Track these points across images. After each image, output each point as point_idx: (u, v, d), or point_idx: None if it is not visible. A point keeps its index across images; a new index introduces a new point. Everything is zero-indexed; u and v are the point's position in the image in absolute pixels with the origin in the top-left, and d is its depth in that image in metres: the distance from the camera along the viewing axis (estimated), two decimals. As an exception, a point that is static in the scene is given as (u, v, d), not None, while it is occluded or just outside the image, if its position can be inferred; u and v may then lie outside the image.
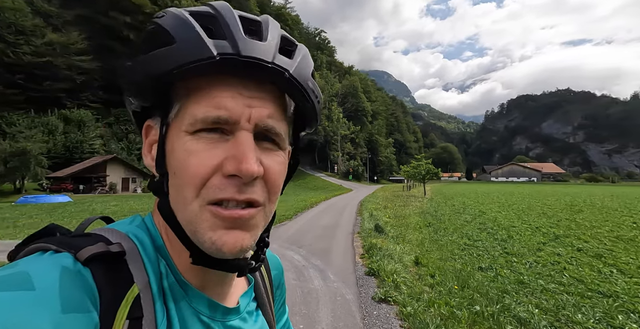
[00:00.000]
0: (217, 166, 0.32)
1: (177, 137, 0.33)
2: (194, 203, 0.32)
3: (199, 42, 0.30)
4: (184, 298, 0.36)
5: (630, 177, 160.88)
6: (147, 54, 0.32)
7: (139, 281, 0.32)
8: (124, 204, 16.43)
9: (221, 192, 0.31)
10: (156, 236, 0.37)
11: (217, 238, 0.32)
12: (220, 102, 0.32)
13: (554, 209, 14.50)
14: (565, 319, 3.34)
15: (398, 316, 3.40)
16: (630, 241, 7.33)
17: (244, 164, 0.31)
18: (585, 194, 25.83)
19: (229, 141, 0.33)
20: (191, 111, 0.32)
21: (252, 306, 0.45)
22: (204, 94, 0.32)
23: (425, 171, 25.78)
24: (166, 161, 0.34)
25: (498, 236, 8.06)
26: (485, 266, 5.36)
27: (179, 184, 0.32)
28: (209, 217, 0.32)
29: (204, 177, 0.32)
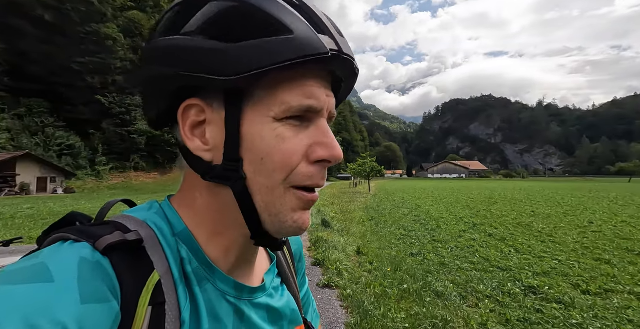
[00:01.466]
0: (304, 154, 0.34)
1: (262, 123, 0.33)
2: (280, 187, 0.34)
3: (313, 37, 0.32)
4: (208, 281, 0.36)
5: (536, 173, 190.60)
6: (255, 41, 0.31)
7: (159, 267, 0.32)
8: (42, 206, 14.41)
9: (309, 179, 0.34)
10: (176, 222, 0.38)
11: (298, 218, 0.35)
12: (312, 92, 0.34)
13: (476, 201, 16.67)
14: (471, 289, 4.10)
15: (339, 298, 3.81)
16: (527, 226, 8.93)
17: (336, 151, 0.34)
18: (500, 189, 29.99)
19: (308, 128, 0.35)
20: (282, 99, 0.33)
21: (276, 282, 0.47)
22: (296, 83, 0.33)
23: (370, 168, 27.41)
24: (241, 146, 0.34)
25: (429, 226, 9.09)
26: (415, 252, 6.11)
27: (269, 169, 0.33)
28: (292, 200, 0.34)
29: (295, 163, 0.33)
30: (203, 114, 0.35)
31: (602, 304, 3.63)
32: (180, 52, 0.33)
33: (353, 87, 0.41)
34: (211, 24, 0.32)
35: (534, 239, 7.28)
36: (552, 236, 7.58)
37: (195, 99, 0.35)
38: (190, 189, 0.39)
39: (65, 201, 17.47)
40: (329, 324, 3.20)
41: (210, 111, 0.35)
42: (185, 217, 0.38)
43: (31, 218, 10.31)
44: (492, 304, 3.65)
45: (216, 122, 0.35)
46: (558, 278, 4.56)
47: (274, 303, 0.44)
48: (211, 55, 0.31)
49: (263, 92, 0.33)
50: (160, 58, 0.34)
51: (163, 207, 0.39)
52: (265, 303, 0.42)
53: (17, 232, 7.87)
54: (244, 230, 0.36)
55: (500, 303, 3.71)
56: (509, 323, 3.20)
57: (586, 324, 3.12)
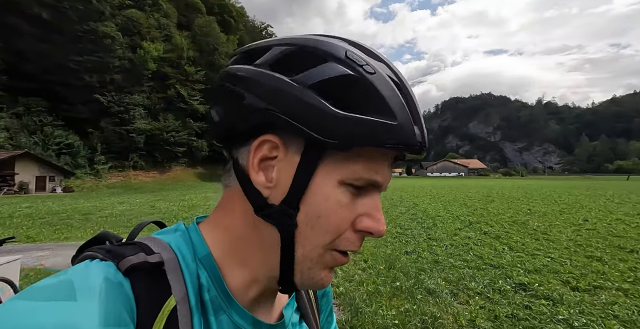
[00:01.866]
0: (353, 221, 0.35)
1: (327, 183, 0.34)
2: (322, 247, 0.35)
3: (410, 128, 0.33)
4: (225, 312, 0.36)
5: (535, 171, 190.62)
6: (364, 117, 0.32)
7: (177, 292, 0.32)
8: (41, 205, 14.46)
9: (350, 245, 0.35)
10: (200, 246, 0.37)
11: (325, 276, 0.36)
12: (382, 169, 0.35)
13: (473, 200, 16.75)
14: (462, 287, 4.15)
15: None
16: (523, 224, 9.00)
17: (382, 226, 0.35)
18: (498, 187, 30.10)
19: (363, 198, 0.36)
20: (354, 169, 0.34)
21: (295, 318, 0.46)
22: (370, 156, 0.34)
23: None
24: (304, 197, 0.34)
25: (425, 225, 9.15)
26: (410, 250, 6.16)
27: (322, 228, 0.34)
28: (328, 260, 0.35)
29: (344, 229, 0.34)
30: (276, 151, 0.35)
31: (589, 301, 3.69)
32: (286, 95, 0.33)
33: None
34: (328, 84, 0.32)
35: (529, 237, 7.34)
36: (546, 233, 7.64)
37: (275, 136, 0.35)
38: (230, 211, 0.39)
39: (64, 200, 17.50)
40: (321, 321, 3.25)
41: (285, 151, 0.35)
42: (214, 241, 0.38)
43: (29, 217, 10.37)
44: (482, 301, 3.71)
45: (287, 165, 0.35)
46: (549, 275, 4.62)
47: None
48: (319, 113, 0.32)
49: (343, 157, 0.34)
50: (260, 91, 0.34)
51: (189, 230, 0.39)
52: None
53: (14, 231, 7.92)
54: (272, 272, 0.37)
55: (490, 299, 3.77)
56: (497, 319, 3.25)
57: (572, 319, 3.17)
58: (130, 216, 10.73)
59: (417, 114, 0.34)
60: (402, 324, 3.07)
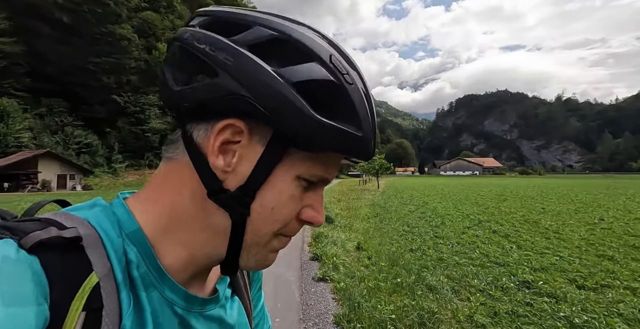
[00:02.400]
0: (298, 212, 0.38)
1: (285, 177, 0.35)
2: (270, 234, 0.37)
3: (369, 143, 0.36)
4: (156, 288, 0.34)
5: (554, 170, 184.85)
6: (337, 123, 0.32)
7: (99, 269, 0.30)
8: (62, 203, 15.11)
9: (293, 231, 0.39)
10: (127, 221, 0.35)
11: (270, 258, 0.39)
12: (331, 169, 0.38)
13: (485, 198, 16.43)
14: (465, 284, 4.13)
15: (332, 291, 3.92)
16: (535, 223, 8.79)
17: (321, 218, 0.39)
18: (513, 186, 29.38)
19: (311, 191, 0.38)
20: (313, 166, 0.36)
21: (228, 292, 0.46)
22: (326, 159, 0.37)
23: (378, 165, 27.32)
24: (262, 188, 0.34)
25: (433, 223, 9.07)
26: (415, 247, 6.14)
27: (273, 219, 0.36)
28: (274, 245, 0.38)
29: (291, 220, 0.37)
30: (240, 136, 0.34)
31: (594, 299, 3.61)
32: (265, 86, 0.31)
33: None
34: (311, 85, 0.32)
35: (539, 235, 7.18)
36: (558, 232, 7.45)
37: (241, 122, 0.33)
38: (175, 190, 0.36)
39: (83, 198, 18.19)
40: (319, 315, 3.32)
41: (249, 139, 0.34)
42: (148, 217, 0.36)
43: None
44: (483, 298, 3.68)
45: (249, 153, 0.34)
46: (555, 273, 4.53)
47: (226, 315, 0.43)
48: (299, 114, 0.31)
49: (305, 156, 0.35)
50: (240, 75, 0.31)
51: (113, 205, 0.36)
52: (217, 315, 0.41)
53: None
54: (215, 254, 0.37)
55: (491, 296, 3.74)
56: (496, 316, 3.23)
57: (573, 316, 3.12)
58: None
59: (374, 126, 0.37)
60: (399, 319, 3.10)
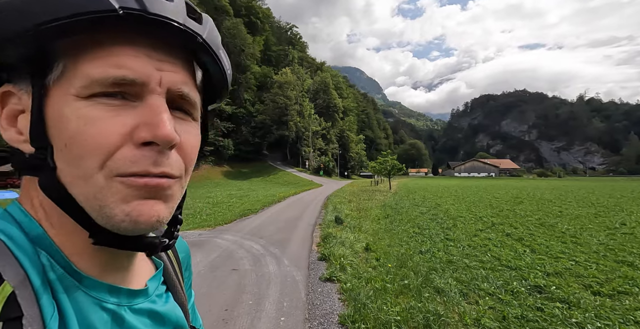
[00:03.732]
0: (127, 135, 0.29)
1: (65, 102, 0.29)
2: (97, 176, 0.29)
3: None
4: (78, 288, 0.32)
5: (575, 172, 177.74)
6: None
7: (11, 278, 0.28)
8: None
9: (133, 165, 0.29)
10: (30, 226, 0.32)
11: (132, 209, 0.30)
12: (122, 61, 0.29)
13: (500, 201, 16.01)
14: (474, 287, 4.06)
15: (339, 291, 3.93)
16: (551, 227, 8.51)
17: (161, 130, 0.29)
18: (530, 188, 28.46)
19: (136, 108, 0.30)
20: (84, 71, 0.28)
21: (161, 289, 0.43)
22: (100, 51, 0.29)
23: (391, 166, 27.09)
24: (48, 132, 0.29)
25: (445, 225, 8.92)
26: (425, 249, 6.06)
27: (75, 156, 0.28)
28: (120, 189, 0.29)
29: (109, 147, 0.28)
30: (20, 102, 0.31)
31: (610, 305, 3.47)
32: None
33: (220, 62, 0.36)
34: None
35: (555, 239, 6.95)
36: (575, 237, 7.19)
37: (9, 85, 0.31)
38: (27, 188, 0.34)
39: None
40: (324, 315, 3.34)
41: (25, 97, 0.31)
42: (41, 218, 0.33)
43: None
44: (492, 302, 3.61)
45: (28, 108, 0.31)
46: (570, 278, 4.38)
47: (158, 308, 0.40)
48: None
49: (66, 65, 0.29)
50: None
51: (10, 210, 0.33)
52: (147, 308, 0.38)
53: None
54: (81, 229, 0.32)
55: (501, 300, 3.66)
56: (505, 320, 3.16)
57: (585, 323, 3.02)
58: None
59: None
60: (404, 321, 3.08)
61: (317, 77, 71.76)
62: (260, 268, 4.75)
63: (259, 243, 6.28)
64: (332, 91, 71.82)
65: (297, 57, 75.42)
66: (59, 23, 0.26)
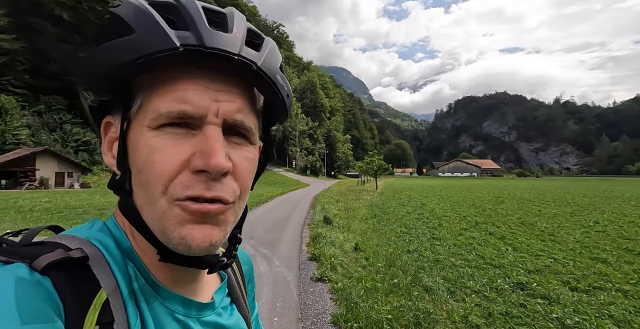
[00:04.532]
0: (185, 162, 0.31)
1: (140, 133, 0.32)
2: (161, 200, 0.32)
3: (159, 33, 0.30)
4: (156, 298, 0.35)
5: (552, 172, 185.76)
6: (102, 44, 0.31)
7: (107, 285, 0.31)
8: (59, 200, 15.07)
9: (189, 189, 0.31)
10: (121, 239, 0.36)
11: (187, 233, 0.32)
12: (185, 96, 0.31)
13: (482, 200, 16.52)
14: (460, 285, 4.19)
15: (330, 291, 3.98)
16: (531, 225, 8.88)
17: (212, 159, 0.31)
18: (511, 188, 29.50)
19: (196, 136, 0.32)
20: (154, 105, 0.32)
21: (226, 302, 0.45)
22: (168, 87, 0.32)
23: (377, 166, 27.42)
24: (129, 159, 0.33)
25: (430, 224, 9.14)
26: (412, 249, 6.20)
27: (145, 181, 0.32)
28: (178, 213, 0.32)
29: (170, 174, 0.31)
30: (117, 131, 0.36)
31: (587, 300, 3.68)
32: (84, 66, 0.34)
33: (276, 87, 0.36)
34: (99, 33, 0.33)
35: (535, 238, 7.26)
36: (553, 235, 7.54)
37: (109, 117, 0.37)
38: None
39: (81, 196, 18.17)
40: (317, 314, 3.37)
41: (117, 126, 0.36)
42: (127, 233, 0.37)
43: (48, 211, 10.85)
44: (478, 299, 3.75)
45: (117, 136, 0.36)
46: (550, 275, 4.60)
47: (223, 321, 0.42)
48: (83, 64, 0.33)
49: (140, 100, 0.33)
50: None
51: (108, 225, 0.38)
52: (214, 321, 0.40)
53: (34, 224, 8.34)
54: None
55: (486, 297, 3.81)
56: (491, 316, 3.30)
57: (565, 318, 3.19)
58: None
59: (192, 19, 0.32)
60: (395, 319, 3.16)
61: (304, 77, 71.61)
62: (251, 268, 4.73)
63: (248, 244, 6.24)
64: (319, 90, 71.85)
65: (284, 56, 74.97)
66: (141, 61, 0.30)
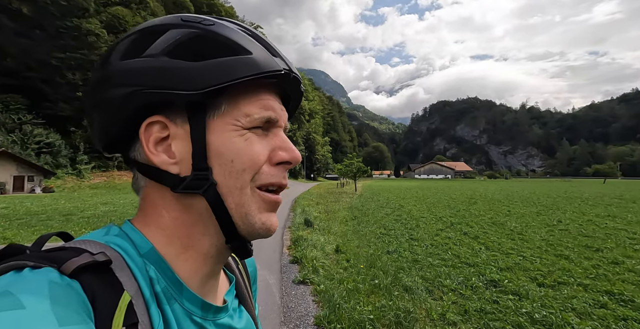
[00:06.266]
0: (267, 156, 0.38)
1: (231, 132, 0.37)
2: (248, 187, 0.37)
3: (269, 57, 0.38)
4: (177, 300, 0.37)
5: (519, 174, 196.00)
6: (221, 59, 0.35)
7: (129, 288, 0.32)
8: (18, 205, 14.00)
9: (272, 177, 0.38)
10: (141, 242, 0.37)
11: (266, 219, 0.38)
12: (270, 105, 0.39)
13: (457, 201, 17.18)
14: (438, 284, 4.35)
15: (312, 293, 3.99)
16: (501, 225, 9.35)
17: (295, 153, 0.39)
18: (482, 189, 30.88)
19: (267, 137, 0.39)
20: (245, 110, 0.37)
21: (235, 303, 0.47)
22: (254, 96, 0.38)
23: (356, 169, 27.80)
24: (208, 155, 0.36)
25: (408, 225, 9.38)
26: (392, 249, 6.35)
27: (239, 169, 0.36)
28: (258, 200, 0.38)
29: (260, 163, 0.37)
30: (166, 130, 0.37)
31: (552, 295, 3.94)
32: (143, 71, 0.35)
33: (298, 106, 0.48)
34: (176, 46, 0.36)
35: (505, 237, 7.66)
36: (522, 234, 7.98)
37: (158, 116, 0.37)
38: (153, 207, 0.39)
39: (44, 201, 17.00)
40: (300, 317, 3.38)
41: (174, 126, 0.37)
42: (152, 237, 0.38)
43: (6, 218, 10.06)
44: (454, 297, 3.91)
45: (181, 136, 0.37)
46: (519, 272, 4.88)
47: (235, 323, 0.44)
48: (177, 72, 0.35)
49: (228, 106, 0.37)
50: (120, 79, 0.36)
51: (124, 229, 0.39)
52: (227, 324, 0.42)
53: (-9, 232, 7.70)
54: (215, 240, 0.39)
55: (462, 295, 3.98)
56: (466, 313, 3.45)
57: (534, 312, 3.40)
58: (114, 217, 10.57)
59: (275, 50, 0.40)
60: (377, 319, 3.22)
61: (284, 79, 71.37)
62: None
63: (228, 248, 6.12)
64: (298, 92, 71.84)
65: (263, 58, 74.37)
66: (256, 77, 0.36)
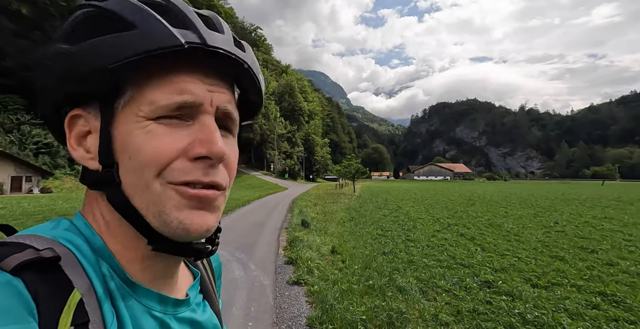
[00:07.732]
0: (181, 150, 0.33)
1: (133, 123, 0.33)
2: (155, 183, 0.32)
3: (164, 30, 0.31)
4: (132, 297, 0.35)
5: (518, 176, 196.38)
6: (94, 39, 0.31)
7: (80, 286, 0.30)
8: (15, 206, 13.97)
9: (186, 175, 0.32)
10: (92, 238, 0.35)
11: (184, 218, 0.33)
12: (184, 88, 0.33)
13: (455, 203, 17.19)
14: (432, 285, 4.36)
15: (306, 294, 3.99)
16: (498, 226, 9.37)
17: (214, 146, 0.32)
18: (481, 191, 30.90)
19: (190, 127, 0.34)
20: (151, 97, 0.32)
21: (199, 298, 0.46)
22: (164, 80, 0.33)
23: (355, 170, 27.81)
24: (114, 149, 0.33)
25: (406, 227, 9.39)
26: (388, 250, 6.35)
27: (138, 165, 0.32)
28: (174, 196, 0.32)
29: (166, 159, 0.32)
30: (88, 124, 0.35)
31: (545, 296, 3.95)
32: (46, 60, 0.33)
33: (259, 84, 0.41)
34: (69, 29, 0.33)
35: (501, 238, 7.67)
36: (518, 235, 8.00)
37: (78, 109, 0.35)
38: (90, 202, 0.37)
39: (41, 201, 16.95)
40: (292, 318, 3.38)
41: (93, 119, 0.35)
42: (101, 231, 0.36)
43: (2, 219, 10.04)
44: (448, 298, 3.91)
45: (96, 129, 0.35)
46: (514, 273, 4.89)
47: (197, 317, 0.42)
48: (60, 59, 0.32)
49: (134, 93, 0.33)
50: (37, 69, 0.34)
51: (75, 223, 0.36)
52: (189, 318, 0.41)
53: (-13, 232, 7.68)
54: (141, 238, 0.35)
55: (456, 296, 3.98)
56: (459, 314, 3.45)
57: (526, 313, 3.41)
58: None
59: (189, 21, 0.34)
60: (369, 319, 3.22)
61: (283, 80, 71.58)
62: (227, 273, 4.64)
63: (224, 249, 6.11)
64: (297, 94, 72.00)
65: (262, 59, 74.54)
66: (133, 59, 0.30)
